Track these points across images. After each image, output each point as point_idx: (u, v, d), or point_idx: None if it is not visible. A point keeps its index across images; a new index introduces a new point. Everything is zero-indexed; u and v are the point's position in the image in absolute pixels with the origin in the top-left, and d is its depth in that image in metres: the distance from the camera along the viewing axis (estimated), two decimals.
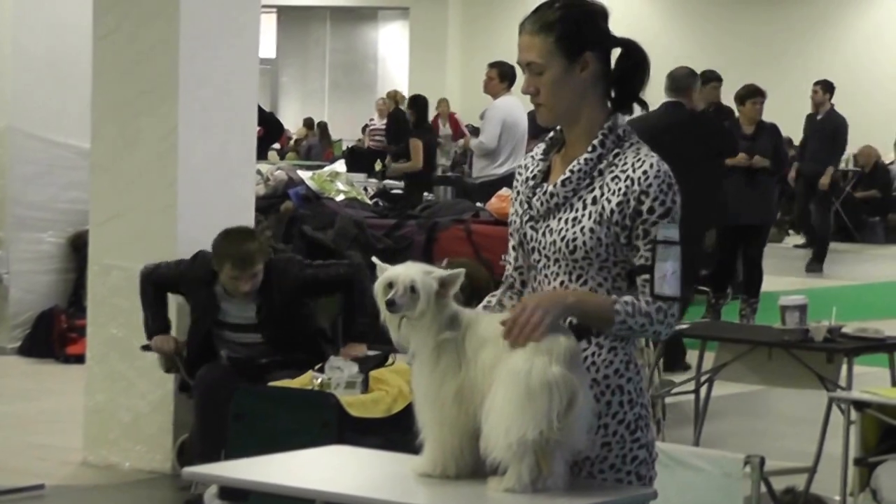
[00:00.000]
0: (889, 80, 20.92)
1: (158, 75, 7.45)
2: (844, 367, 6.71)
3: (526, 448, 3.28)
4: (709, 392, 7.18)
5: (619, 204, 3.44)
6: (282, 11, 31.47)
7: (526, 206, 3.55)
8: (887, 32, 26.36)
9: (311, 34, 32.35)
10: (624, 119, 3.55)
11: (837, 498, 6.32)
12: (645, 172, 3.44)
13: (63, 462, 7.60)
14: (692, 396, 7.25)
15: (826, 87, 17.08)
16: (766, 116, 12.72)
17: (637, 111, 3.68)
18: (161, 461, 7.36)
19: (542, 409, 3.27)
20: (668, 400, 7.47)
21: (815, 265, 17.37)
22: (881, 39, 26.25)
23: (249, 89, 7.81)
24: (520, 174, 3.64)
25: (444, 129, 22.99)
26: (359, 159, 21.78)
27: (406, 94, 24.17)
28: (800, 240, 21.41)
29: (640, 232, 3.44)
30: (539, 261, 3.53)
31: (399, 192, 15.36)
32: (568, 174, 3.49)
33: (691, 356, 7.35)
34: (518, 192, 3.62)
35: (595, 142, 3.49)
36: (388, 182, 16.39)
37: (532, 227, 3.53)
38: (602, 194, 3.46)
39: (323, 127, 26.88)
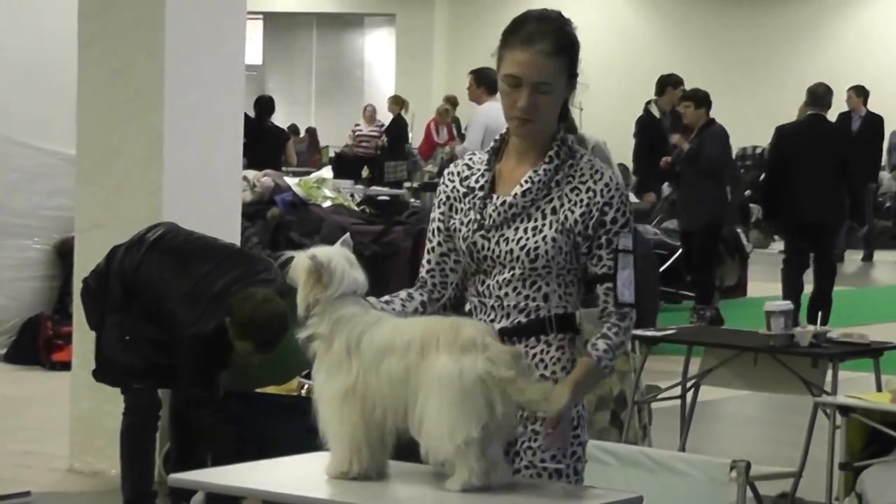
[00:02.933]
0: (875, 84, 20.94)
1: (143, 83, 7.44)
2: (830, 372, 6.72)
3: (473, 444, 3.33)
4: (695, 397, 7.19)
5: (581, 215, 3.54)
6: (268, 18, 31.47)
7: (477, 216, 3.59)
8: (871, 39, 26.43)
9: (298, 41, 32.35)
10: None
11: (823, 503, 6.34)
12: (606, 185, 3.55)
13: (49, 469, 7.59)
14: (678, 401, 7.26)
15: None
16: (752, 120, 12.78)
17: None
18: None
19: (482, 403, 3.33)
20: (653, 405, 7.47)
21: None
22: (866, 46, 26.32)
23: (235, 96, 7.81)
24: (451, 181, 3.67)
25: (442, 135, 23.05)
26: (345, 166, 21.81)
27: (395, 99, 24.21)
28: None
29: (602, 241, 3.55)
30: (492, 268, 3.58)
31: (386, 198, 15.37)
32: (528, 185, 3.56)
33: (677, 361, 7.36)
34: (448, 198, 3.66)
35: (552, 153, 3.58)
36: (374, 188, 16.40)
37: (483, 237, 3.59)
38: (562, 204, 3.55)
39: (312, 133, 26.90)
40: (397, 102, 23.56)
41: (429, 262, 3.70)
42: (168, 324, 6.24)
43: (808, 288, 12.42)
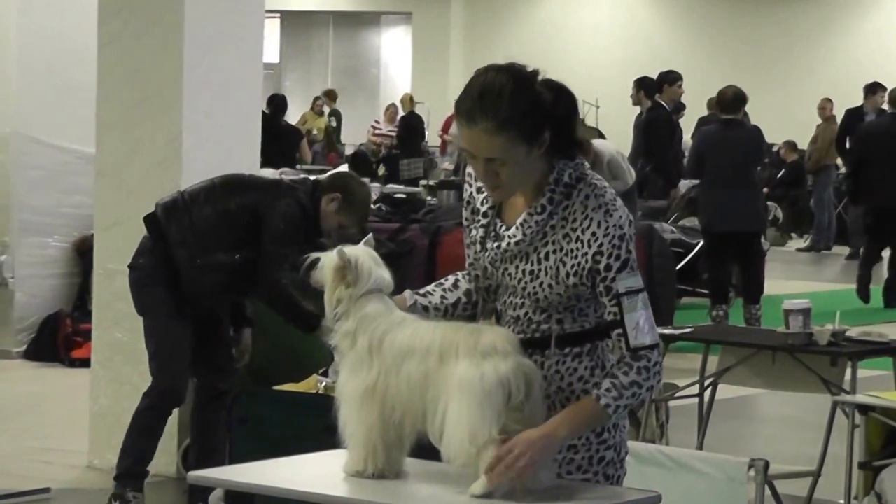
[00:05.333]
0: (892, 82, 20.93)
1: (162, 81, 7.46)
2: (848, 371, 6.71)
3: (493, 447, 3.31)
4: (713, 396, 7.18)
5: (573, 267, 3.43)
6: (285, 16, 31.49)
7: (480, 246, 3.54)
8: (889, 37, 26.35)
9: (315, 39, 32.36)
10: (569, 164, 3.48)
11: (842, 502, 6.33)
12: (594, 234, 3.41)
13: (68, 466, 7.62)
14: (696, 400, 7.25)
15: None
16: (769, 119, 12.84)
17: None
18: (166, 464, 7.36)
19: (498, 406, 3.31)
20: (671, 403, 7.47)
21: None
22: (883, 44, 26.25)
23: (253, 94, 7.83)
24: (470, 184, 3.61)
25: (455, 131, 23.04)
26: (362, 164, 21.83)
27: (411, 98, 24.22)
28: (803, 243, 21.43)
29: (602, 289, 3.42)
30: (505, 290, 3.56)
31: (402, 196, 15.38)
32: (520, 236, 3.47)
33: (695, 359, 7.35)
34: (468, 203, 3.59)
35: (543, 200, 3.45)
36: (391, 186, 16.42)
37: (491, 264, 3.55)
38: (555, 251, 3.45)
39: (330, 133, 26.91)
40: (406, 101, 23.58)
41: (468, 255, 3.64)
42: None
43: (829, 286, 12.48)
